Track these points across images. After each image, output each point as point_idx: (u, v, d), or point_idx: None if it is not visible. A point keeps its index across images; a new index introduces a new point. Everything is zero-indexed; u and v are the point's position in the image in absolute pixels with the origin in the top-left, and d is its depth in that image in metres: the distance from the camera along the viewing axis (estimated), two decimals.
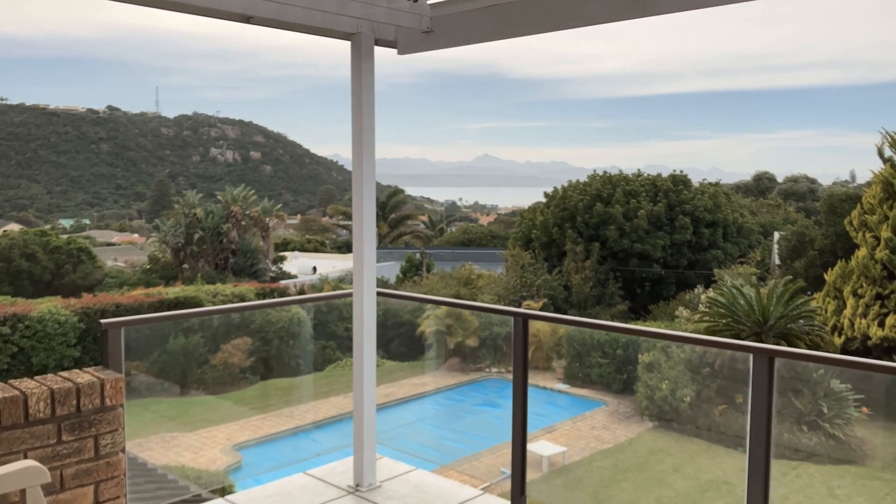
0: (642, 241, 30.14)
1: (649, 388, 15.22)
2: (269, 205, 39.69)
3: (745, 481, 3.81)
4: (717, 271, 25.97)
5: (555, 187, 34.06)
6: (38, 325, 18.55)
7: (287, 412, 15.26)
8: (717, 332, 15.32)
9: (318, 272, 39.18)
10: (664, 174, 33.48)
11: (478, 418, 17.49)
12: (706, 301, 18.04)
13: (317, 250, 56.16)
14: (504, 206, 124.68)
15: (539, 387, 17.50)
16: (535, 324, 11.92)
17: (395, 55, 4.66)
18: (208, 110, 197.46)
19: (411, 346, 19.81)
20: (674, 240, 30.51)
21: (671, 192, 31.51)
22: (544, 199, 33.83)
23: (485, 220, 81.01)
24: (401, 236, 56.99)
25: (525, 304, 25.24)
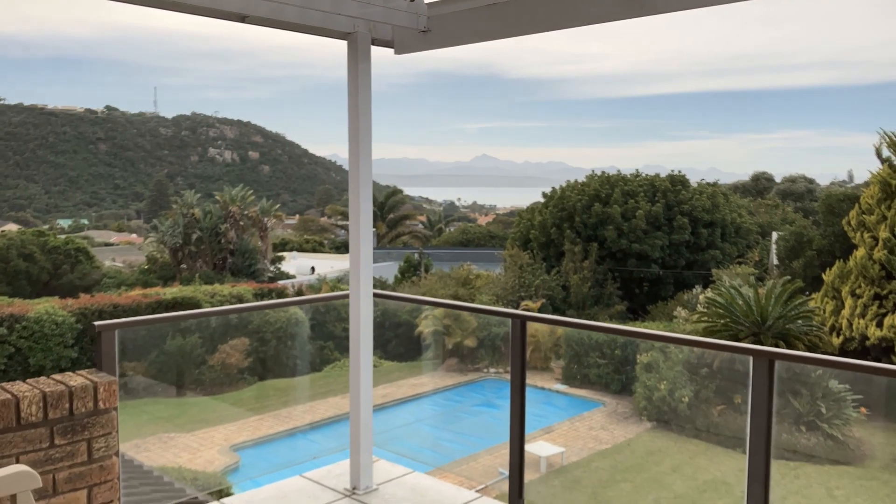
0: (640, 242, 30.15)
1: (648, 388, 15.21)
2: (268, 205, 39.70)
3: (744, 483, 3.80)
4: (715, 271, 25.97)
5: (553, 187, 34.07)
6: (36, 326, 18.50)
7: (285, 413, 15.22)
8: (715, 333, 15.32)
9: (317, 272, 39.12)
10: (662, 174, 33.48)
11: (476, 419, 17.47)
12: (704, 301, 18.03)
13: (315, 250, 56.11)
14: (502, 207, 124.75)
15: (537, 387, 17.48)
16: (533, 324, 11.89)
17: (393, 55, 4.63)
18: (206, 110, 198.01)
19: (409, 347, 19.77)
20: (672, 240, 30.52)
21: (669, 193, 31.52)
22: (542, 200, 33.83)
23: (483, 221, 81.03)
24: (399, 236, 56.98)
25: (523, 304, 25.21)
